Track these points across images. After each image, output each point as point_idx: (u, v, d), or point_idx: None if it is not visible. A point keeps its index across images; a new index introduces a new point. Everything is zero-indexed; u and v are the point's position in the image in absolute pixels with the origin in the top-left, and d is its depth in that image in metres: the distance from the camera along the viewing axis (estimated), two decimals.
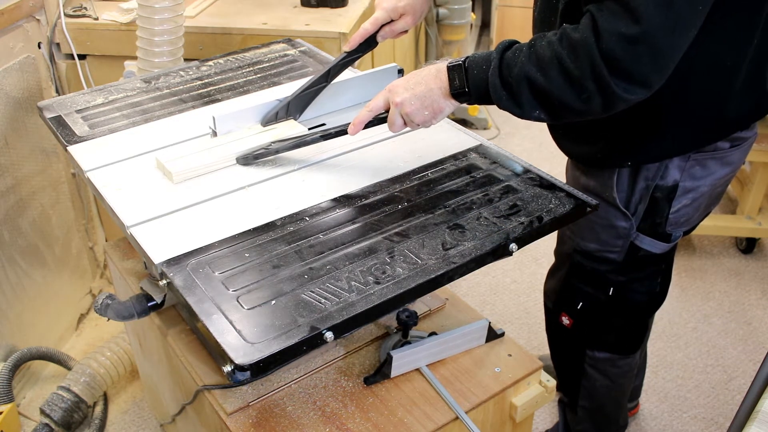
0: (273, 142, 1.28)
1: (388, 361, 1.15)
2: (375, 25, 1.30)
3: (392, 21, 1.30)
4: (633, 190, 1.30)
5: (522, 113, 1.07)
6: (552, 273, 1.57)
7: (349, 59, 1.34)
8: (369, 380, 1.17)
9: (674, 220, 1.32)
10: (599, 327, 1.50)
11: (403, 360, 1.16)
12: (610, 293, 1.42)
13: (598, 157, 1.29)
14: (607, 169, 1.30)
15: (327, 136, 1.24)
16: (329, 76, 1.36)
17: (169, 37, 1.73)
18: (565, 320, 1.52)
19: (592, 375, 1.57)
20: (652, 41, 0.96)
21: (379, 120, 1.18)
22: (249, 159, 1.27)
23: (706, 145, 1.24)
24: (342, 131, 1.23)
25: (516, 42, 1.08)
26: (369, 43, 1.33)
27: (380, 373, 1.16)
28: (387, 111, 1.16)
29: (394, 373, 1.17)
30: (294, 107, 1.35)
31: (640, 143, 1.23)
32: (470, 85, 1.09)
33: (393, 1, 1.28)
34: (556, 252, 1.54)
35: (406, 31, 1.32)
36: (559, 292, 1.51)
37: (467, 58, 1.10)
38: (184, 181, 1.22)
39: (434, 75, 1.12)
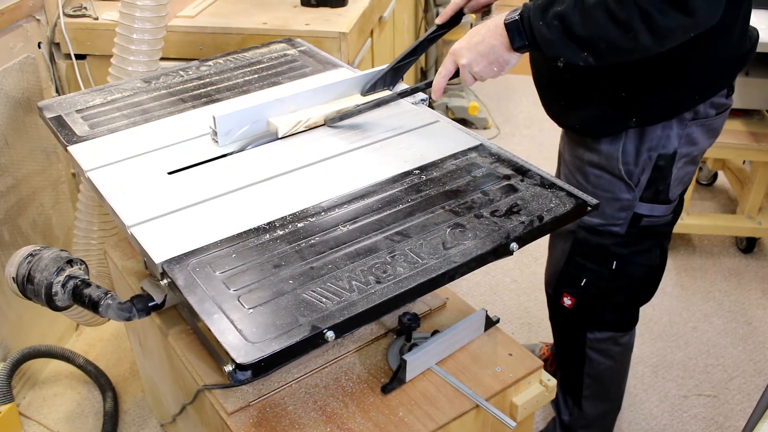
0: (357, 105, 1.38)
1: (402, 366, 1.15)
2: None
3: None
4: (637, 161, 1.35)
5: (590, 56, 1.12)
6: (551, 260, 1.60)
7: (438, 33, 1.40)
8: (386, 388, 1.16)
9: (674, 183, 1.39)
10: (600, 304, 1.53)
11: (415, 363, 1.17)
12: (613, 267, 1.46)
13: (607, 116, 1.33)
14: (612, 137, 1.34)
15: (404, 93, 1.40)
16: (418, 50, 1.43)
17: (150, 36, 1.69)
18: (567, 301, 1.54)
19: (595, 359, 1.60)
20: None
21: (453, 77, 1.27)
22: (335, 120, 1.38)
23: (712, 95, 1.29)
24: (416, 89, 1.40)
25: None
26: (455, 19, 1.38)
27: (396, 379, 1.16)
28: (457, 72, 1.24)
29: (408, 376, 1.17)
30: (390, 78, 1.47)
31: (648, 97, 1.28)
32: (535, 41, 1.13)
33: None
34: (555, 234, 1.57)
35: (489, 5, 1.37)
36: (562, 272, 1.54)
37: (521, 13, 1.14)
38: (182, 180, 1.22)
39: (493, 31, 1.17)
